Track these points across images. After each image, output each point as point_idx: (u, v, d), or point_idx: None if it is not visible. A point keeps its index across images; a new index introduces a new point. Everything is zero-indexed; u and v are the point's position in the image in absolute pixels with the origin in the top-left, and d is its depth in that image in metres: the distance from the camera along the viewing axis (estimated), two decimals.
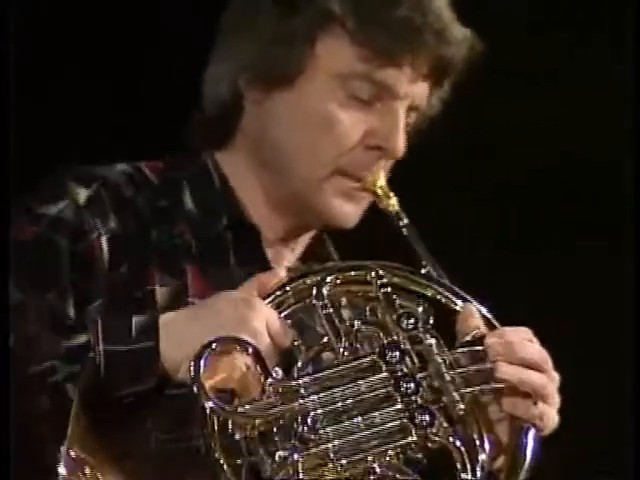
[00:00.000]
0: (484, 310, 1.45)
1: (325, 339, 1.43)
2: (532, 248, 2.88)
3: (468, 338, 1.41)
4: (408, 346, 1.38)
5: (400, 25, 1.48)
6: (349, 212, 1.58)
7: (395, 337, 1.39)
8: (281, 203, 1.60)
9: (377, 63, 1.50)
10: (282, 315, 1.43)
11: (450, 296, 1.46)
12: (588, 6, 2.70)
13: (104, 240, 1.50)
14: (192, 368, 1.31)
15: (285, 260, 1.64)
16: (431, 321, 1.42)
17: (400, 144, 1.53)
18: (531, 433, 1.38)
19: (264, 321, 1.39)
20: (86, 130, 1.61)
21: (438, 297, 1.46)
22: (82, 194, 1.52)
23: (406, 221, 1.54)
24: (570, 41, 2.77)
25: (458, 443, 1.34)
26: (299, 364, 1.41)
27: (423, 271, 1.49)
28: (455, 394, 1.36)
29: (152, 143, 1.74)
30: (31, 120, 2.11)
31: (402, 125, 1.53)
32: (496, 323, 1.44)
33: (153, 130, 2.13)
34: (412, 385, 1.35)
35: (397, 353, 1.37)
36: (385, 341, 1.39)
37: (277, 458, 1.30)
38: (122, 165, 1.60)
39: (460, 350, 1.40)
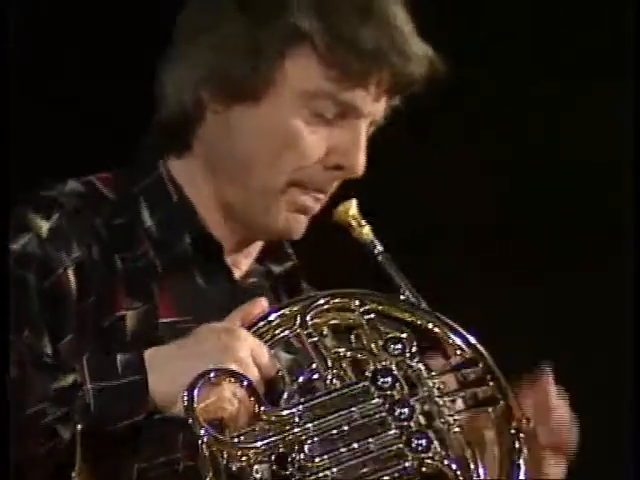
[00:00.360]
0: (471, 338, 1.45)
1: (312, 367, 1.41)
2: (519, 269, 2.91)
3: (453, 361, 1.42)
4: (397, 371, 1.38)
5: (369, 48, 1.47)
6: (300, 225, 1.58)
7: (385, 363, 1.38)
8: (234, 213, 1.57)
9: (344, 84, 1.49)
10: (268, 344, 1.42)
11: (431, 321, 1.46)
12: (587, 10, 2.76)
13: (70, 272, 1.46)
14: (186, 398, 1.29)
15: (242, 266, 1.62)
16: (415, 347, 1.42)
17: (361, 162, 1.53)
18: (523, 456, 1.39)
19: (250, 351, 1.38)
20: (86, 131, 1.56)
21: (418, 322, 1.46)
22: (44, 227, 1.48)
23: (380, 248, 1.54)
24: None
25: (454, 467, 1.34)
26: (286, 393, 1.39)
27: (402, 297, 1.49)
28: (449, 418, 1.36)
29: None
30: (31, 120, 2.05)
31: (364, 143, 1.53)
32: (482, 350, 1.44)
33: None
34: (406, 410, 1.35)
35: (389, 379, 1.37)
36: (376, 367, 1.38)
37: None
38: (73, 183, 1.55)
39: (448, 373, 1.40)
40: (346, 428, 1.35)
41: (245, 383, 1.34)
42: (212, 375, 1.31)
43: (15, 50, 1.46)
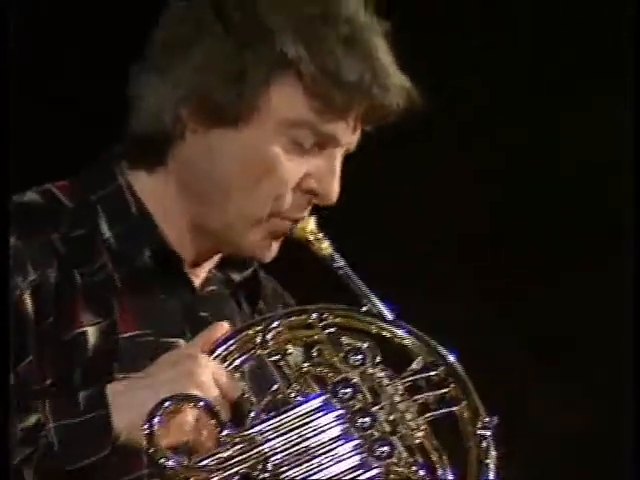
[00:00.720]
0: (432, 342, 1.45)
1: (275, 387, 1.42)
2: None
3: (415, 366, 1.42)
4: (359, 381, 1.38)
5: (352, 81, 1.47)
6: (273, 250, 1.58)
7: (345, 374, 1.39)
8: (204, 232, 1.57)
9: (326, 115, 1.49)
10: (229, 367, 1.43)
11: (395, 331, 1.46)
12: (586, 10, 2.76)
13: (27, 296, 1.46)
14: (146, 428, 1.30)
15: (202, 274, 1.62)
16: (378, 356, 1.42)
17: (335, 190, 1.53)
18: (493, 459, 1.38)
19: (211, 375, 1.38)
20: (86, 131, 1.58)
21: (383, 333, 1.46)
22: None
23: (341, 262, 1.54)
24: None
25: (421, 473, 1.35)
26: (252, 414, 1.40)
27: (364, 309, 1.49)
28: (411, 423, 1.36)
29: None
30: (31, 120, 2.07)
31: (339, 172, 1.53)
32: (444, 353, 1.44)
33: None
34: (367, 419, 1.36)
35: (349, 389, 1.37)
36: (336, 379, 1.39)
37: None
38: (31, 194, 1.54)
39: (411, 378, 1.41)
40: (309, 442, 1.36)
41: (206, 407, 1.35)
42: (169, 403, 1.32)
43: (15, 50, 1.45)
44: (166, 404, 1.32)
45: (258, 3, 1.48)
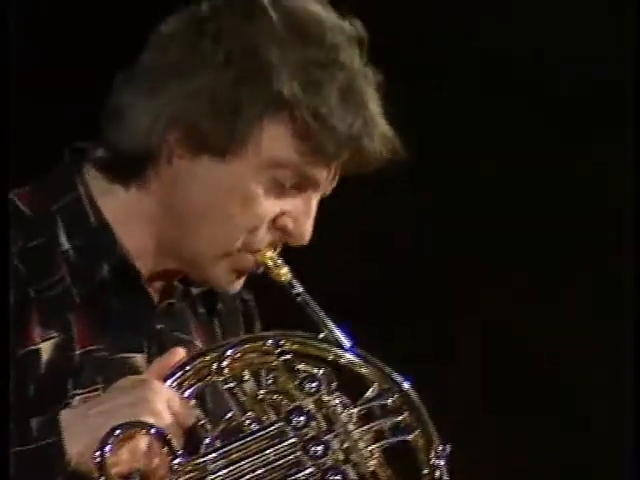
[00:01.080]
0: (387, 369, 1.45)
1: (230, 414, 1.42)
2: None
3: (370, 393, 1.42)
4: (313, 409, 1.38)
5: (344, 132, 1.47)
6: (240, 282, 1.59)
7: (299, 402, 1.39)
8: (171, 256, 1.56)
9: (312, 159, 1.49)
10: (185, 394, 1.43)
11: (351, 359, 1.46)
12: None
13: None
14: (97, 455, 1.30)
15: (161, 287, 1.60)
16: (334, 384, 1.42)
17: (309, 232, 1.53)
18: None
19: (165, 402, 1.38)
20: (86, 130, 1.58)
21: (339, 361, 1.46)
22: None
23: (300, 289, 1.54)
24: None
25: None
26: (206, 442, 1.40)
27: (321, 336, 1.49)
28: (365, 451, 1.36)
29: None
30: (31, 120, 2.06)
31: (314, 214, 1.54)
32: (400, 380, 1.44)
33: None
34: (320, 447, 1.35)
35: (302, 417, 1.37)
36: (289, 407, 1.39)
37: None
38: None
39: (365, 405, 1.40)
40: (261, 471, 1.36)
41: (158, 434, 1.34)
42: (120, 430, 1.32)
43: (15, 50, 1.44)
44: (117, 431, 1.32)
45: (258, 40, 1.47)
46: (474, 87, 2.78)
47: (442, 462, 1.39)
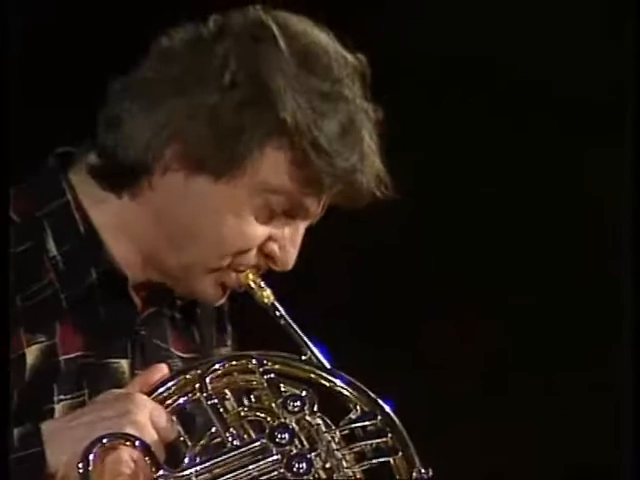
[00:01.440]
0: (371, 393, 1.46)
1: (212, 430, 1.42)
2: None
3: (352, 415, 1.43)
4: (296, 428, 1.39)
5: (342, 166, 1.49)
6: (223, 296, 1.60)
7: (283, 420, 1.39)
8: (158, 267, 1.57)
9: (306, 189, 1.51)
10: (168, 409, 1.43)
11: (334, 380, 1.47)
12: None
13: None
14: (81, 465, 1.30)
15: (144, 294, 1.61)
16: (316, 404, 1.43)
17: (292, 259, 1.55)
18: None
19: (148, 415, 1.38)
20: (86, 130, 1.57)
21: (321, 381, 1.48)
22: None
23: (282, 311, 1.55)
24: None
25: None
26: (188, 457, 1.40)
27: (303, 358, 1.50)
28: (347, 471, 1.37)
29: None
30: (30, 119, 2.04)
31: (299, 241, 1.56)
32: (382, 403, 1.45)
33: None
34: (304, 465, 1.36)
35: (286, 435, 1.38)
36: (273, 424, 1.39)
37: None
38: None
39: (348, 427, 1.41)
40: None
41: (142, 447, 1.35)
42: (106, 440, 1.32)
43: (15, 50, 1.43)
44: (103, 441, 1.32)
45: (265, 66, 1.48)
46: (469, 92, 2.82)
47: None
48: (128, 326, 1.56)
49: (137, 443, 1.34)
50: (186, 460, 1.40)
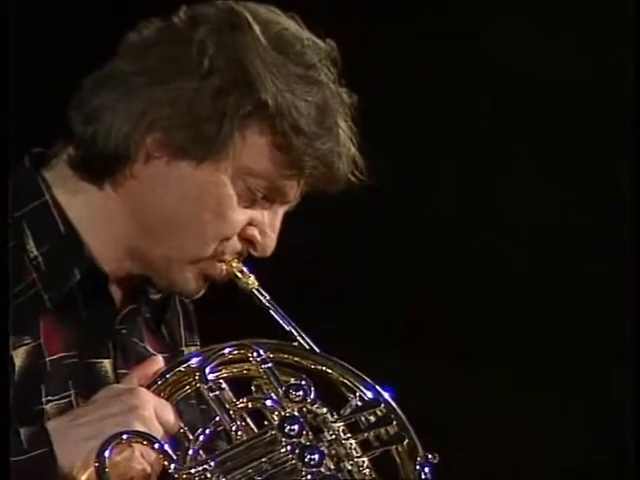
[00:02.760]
0: (368, 380, 1.47)
1: (214, 422, 1.41)
2: None
3: (358, 402, 1.44)
4: (304, 418, 1.39)
5: (323, 149, 1.48)
6: (204, 287, 1.57)
7: (290, 410, 1.39)
8: (139, 260, 1.53)
9: (286, 172, 1.49)
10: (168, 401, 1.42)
11: (326, 364, 1.48)
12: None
13: None
14: (97, 462, 1.29)
15: (124, 292, 1.58)
16: (313, 392, 1.43)
17: (272, 244, 1.54)
18: None
19: (152, 409, 1.37)
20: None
21: (314, 367, 1.47)
22: None
23: (267, 297, 1.54)
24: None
25: None
26: (192, 450, 1.38)
27: (295, 344, 1.50)
28: (358, 460, 1.38)
29: None
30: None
31: (279, 226, 1.54)
32: (381, 390, 1.46)
33: None
34: (316, 455, 1.36)
35: (296, 426, 1.37)
36: (283, 415, 1.38)
37: None
38: None
39: (354, 416, 1.42)
40: (258, 479, 1.34)
41: (155, 443, 1.33)
42: (125, 437, 1.31)
43: (15, 50, 1.38)
44: (123, 437, 1.31)
45: (242, 51, 1.47)
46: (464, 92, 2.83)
47: (427, 470, 1.42)
48: (109, 325, 1.53)
49: (151, 440, 1.33)
50: (190, 453, 1.38)
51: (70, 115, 1.52)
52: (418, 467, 1.42)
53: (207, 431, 1.41)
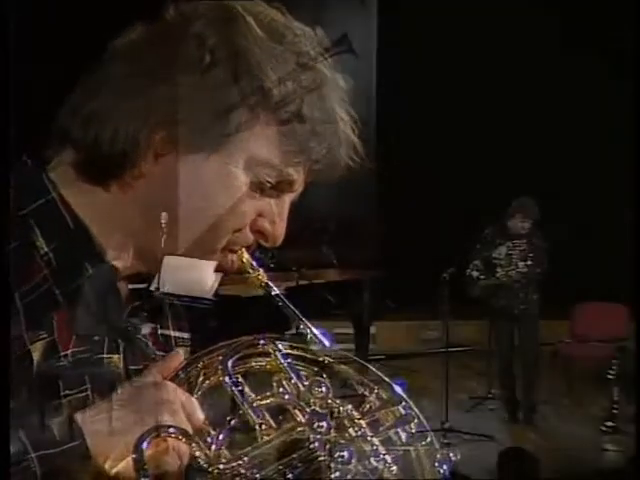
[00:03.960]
0: (383, 376, 1.47)
1: (235, 417, 1.38)
2: None
3: (376, 400, 1.44)
4: (328, 414, 1.38)
5: (323, 134, 1.48)
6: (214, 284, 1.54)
7: (314, 407, 1.37)
8: (149, 259, 1.50)
9: (294, 160, 1.48)
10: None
11: (342, 360, 1.48)
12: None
13: None
14: (135, 454, 1.27)
15: (129, 287, 1.56)
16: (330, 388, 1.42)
17: (281, 233, 1.53)
18: None
19: (179, 403, 1.35)
20: None
21: (326, 361, 1.47)
22: None
23: (277, 291, 1.52)
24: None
25: None
26: (215, 445, 1.35)
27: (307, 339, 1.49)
28: (386, 457, 1.38)
29: None
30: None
31: (286, 215, 1.53)
32: (395, 385, 1.46)
33: None
34: (345, 453, 1.35)
35: (324, 422, 1.36)
36: (311, 411, 1.37)
37: None
38: None
39: (377, 413, 1.42)
40: (290, 476, 1.33)
41: (189, 437, 1.32)
42: (164, 431, 1.29)
43: (15, 50, 1.36)
44: (170, 429, 1.30)
45: (241, 42, 1.45)
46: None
47: (446, 468, 1.43)
48: (117, 321, 1.51)
49: (189, 436, 1.31)
50: (213, 447, 1.35)
51: (64, 121, 1.49)
52: (437, 464, 1.43)
53: (229, 426, 1.38)
